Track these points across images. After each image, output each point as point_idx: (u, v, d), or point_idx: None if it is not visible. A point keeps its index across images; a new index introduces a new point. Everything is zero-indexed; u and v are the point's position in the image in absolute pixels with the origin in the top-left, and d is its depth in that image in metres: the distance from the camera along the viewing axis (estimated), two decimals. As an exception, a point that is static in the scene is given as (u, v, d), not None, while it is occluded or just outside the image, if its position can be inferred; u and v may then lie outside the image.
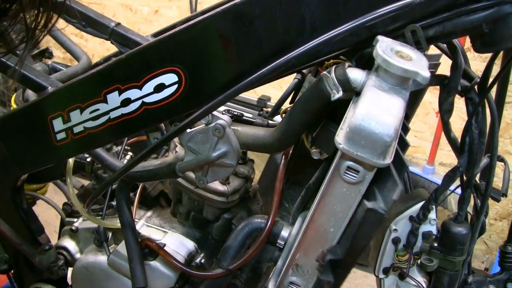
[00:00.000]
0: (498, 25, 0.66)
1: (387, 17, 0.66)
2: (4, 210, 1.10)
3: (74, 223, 1.21)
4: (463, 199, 0.88)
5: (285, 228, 0.92)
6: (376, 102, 0.63)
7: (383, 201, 0.70)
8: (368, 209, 0.69)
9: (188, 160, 0.85)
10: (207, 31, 0.72)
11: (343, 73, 0.69)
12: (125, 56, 0.77)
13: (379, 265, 0.92)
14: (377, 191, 0.72)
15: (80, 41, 3.75)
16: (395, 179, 0.70)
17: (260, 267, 1.06)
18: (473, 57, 2.09)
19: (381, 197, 0.71)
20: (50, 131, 0.87)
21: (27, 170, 1.00)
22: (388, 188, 0.71)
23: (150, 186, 1.22)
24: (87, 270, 1.13)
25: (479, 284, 1.01)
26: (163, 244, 1.05)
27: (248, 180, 1.13)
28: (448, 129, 0.88)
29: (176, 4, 3.25)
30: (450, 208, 2.20)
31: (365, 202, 0.70)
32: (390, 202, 0.69)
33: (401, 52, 0.64)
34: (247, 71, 0.73)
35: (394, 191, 0.69)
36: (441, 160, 2.52)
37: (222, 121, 0.81)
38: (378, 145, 0.62)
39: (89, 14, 0.95)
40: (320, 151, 0.82)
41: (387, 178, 0.71)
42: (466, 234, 0.88)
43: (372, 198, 0.71)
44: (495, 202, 1.06)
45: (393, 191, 0.69)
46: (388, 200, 0.70)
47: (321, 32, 0.69)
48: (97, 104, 0.81)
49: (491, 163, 0.88)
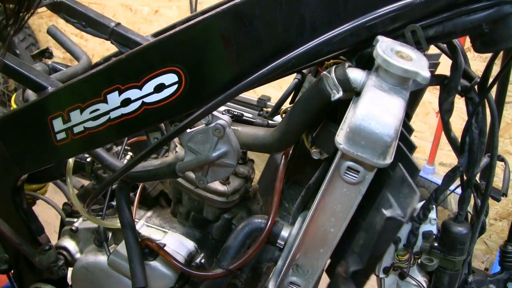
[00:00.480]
0: (498, 25, 0.66)
1: (387, 17, 0.66)
2: (4, 210, 1.10)
3: (74, 223, 1.21)
4: (463, 199, 0.88)
5: (285, 228, 0.92)
6: (376, 102, 0.63)
7: (399, 208, 0.70)
8: (387, 218, 0.69)
9: (188, 160, 0.85)
10: (207, 31, 0.72)
11: (343, 73, 0.69)
12: (125, 56, 0.77)
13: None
14: (391, 197, 0.71)
15: (80, 41, 3.76)
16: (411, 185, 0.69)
17: (260, 267, 1.06)
18: (473, 57, 2.09)
19: (396, 204, 0.70)
20: (50, 131, 0.87)
21: (27, 170, 1.00)
22: (404, 194, 0.70)
23: (150, 186, 1.22)
24: (87, 270, 1.13)
25: (479, 283, 1.01)
26: (163, 244, 1.05)
27: (248, 180, 1.13)
28: (448, 129, 0.88)
29: (176, 4, 3.25)
30: (450, 208, 2.20)
31: (383, 211, 0.70)
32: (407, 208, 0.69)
33: (401, 52, 0.64)
34: (247, 71, 0.73)
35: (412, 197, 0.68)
36: (441, 160, 2.52)
37: (222, 121, 0.81)
38: (378, 145, 0.62)
39: (89, 14, 0.95)
40: (320, 151, 0.82)
41: (402, 184, 0.70)
42: (466, 233, 0.88)
43: (388, 206, 0.71)
44: (495, 202, 1.06)
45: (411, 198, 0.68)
46: (404, 206, 0.69)
47: (321, 32, 0.69)
48: (97, 104, 0.80)
49: (491, 162, 0.88)
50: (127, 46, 0.94)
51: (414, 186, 0.69)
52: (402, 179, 0.70)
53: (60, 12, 0.97)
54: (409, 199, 0.69)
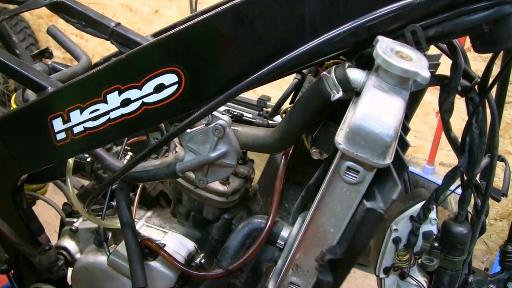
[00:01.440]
0: (498, 25, 0.66)
1: (387, 17, 0.66)
2: (4, 210, 1.10)
3: (74, 223, 1.21)
4: (464, 199, 0.88)
5: (285, 228, 0.92)
6: (376, 102, 0.63)
7: (382, 201, 0.70)
8: (367, 209, 0.69)
9: (188, 160, 0.85)
10: (207, 31, 0.72)
11: (343, 73, 0.69)
12: (125, 56, 0.77)
13: (380, 265, 0.92)
14: (377, 191, 0.72)
15: (80, 41, 3.76)
16: (395, 179, 0.69)
17: (260, 267, 1.06)
18: (473, 57, 2.09)
19: (380, 197, 0.71)
20: (50, 131, 0.87)
21: (27, 170, 1.00)
22: (388, 188, 0.70)
23: (150, 186, 1.22)
24: (87, 270, 1.13)
25: (479, 283, 1.01)
26: (163, 244, 1.05)
27: (248, 180, 1.13)
28: (448, 129, 0.88)
29: (176, 4, 3.25)
30: (450, 208, 2.20)
31: (364, 202, 0.70)
32: (390, 202, 0.69)
33: (401, 52, 0.64)
34: (247, 71, 0.73)
35: (394, 191, 0.68)
36: (441, 160, 2.52)
37: (222, 121, 0.81)
38: (378, 145, 0.62)
39: (89, 14, 0.95)
40: (320, 151, 0.82)
41: (387, 178, 0.71)
42: (466, 233, 0.88)
43: (372, 198, 0.71)
44: (495, 202, 1.06)
45: (393, 191, 0.69)
46: (387, 200, 0.69)
47: (321, 32, 0.69)
48: (97, 104, 0.81)
49: (491, 162, 0.88)
50: (127, 46, 0.94)
51: (397, 180, 0.69)
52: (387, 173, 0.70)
53: (60, 12, 0.97)
54: (391, 192, 0.69)
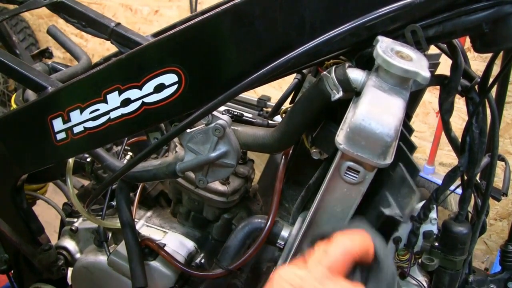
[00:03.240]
0: (498, 25, 0.66)
1: (387, 17, 0.66)
2: (4, 210, 1.10)
3: (74, 223, 1.21)
4: (464, 199, 0.88)
5: (285, 228, 0.92)
6: (376, 102, 0.63)
7: (398, 207, 0.70)
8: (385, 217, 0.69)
9: (188, 160, 0.85)
10: (207, 31, 0.72)
11: (343, 73, 0.69)
12: (125, 56, 0.77)
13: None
14: (390, 196, 0.71)
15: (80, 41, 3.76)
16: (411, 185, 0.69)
17: (260, 267, 1.06)
18: (473, 57, 2.09)
19: (395, 203, 0.70)
20: (50, 131, 0.87)
21: (27, 170, 1.00)
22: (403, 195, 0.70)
23: (150, 186, 1.22)
24: (87, 270, 1.13)
25: (480, 283, 1.01)
26: (163, 244, 1.05)
27: (248, 180, 1.13)
28: (448, 128, 0.88)
29: (176, 4, 3.25)
30: (450, 208, 2.20)
31: (382, 210, 0.70)
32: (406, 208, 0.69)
33: (401, 52, 0.64)
34: (247, 71, 0.73)
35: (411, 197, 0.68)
36: (441, 160, 2.52)
37: (222, 121, 0.81)
38: (378, 145, 0.62)
39: (89, 14, 0.95)
40: (320, 151, 0.82)
41: (402, 184, 0.70)
42: (466, 233, 0.88)
43: (386, 205, 0.71)
44: (495, 202, 1.06)
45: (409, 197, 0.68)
46: (403, 205, 0.69)
47: (321, 32, 0.69)
48: (97, 104, 0.80)
49: (491, 162, 0.88)
50: (127, 46, 0.93)
51: (414, 186, 0.69)
52: (402, 179, 0.70)
53: (60, 12, 0.97)
54: (407, 199, 0.69)
